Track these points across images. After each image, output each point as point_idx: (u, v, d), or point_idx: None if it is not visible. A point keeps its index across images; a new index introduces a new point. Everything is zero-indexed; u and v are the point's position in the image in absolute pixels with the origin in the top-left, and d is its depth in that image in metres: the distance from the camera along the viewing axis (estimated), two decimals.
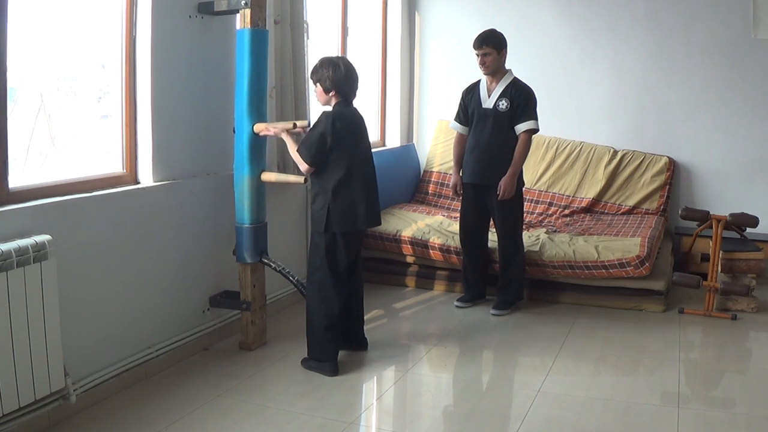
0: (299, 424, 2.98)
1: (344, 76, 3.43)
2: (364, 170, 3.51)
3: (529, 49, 5.68)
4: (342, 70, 3.42)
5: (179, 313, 3.62)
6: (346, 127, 3.43)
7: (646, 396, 3.26)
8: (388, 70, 6.15)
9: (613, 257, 4.40)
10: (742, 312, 4.39)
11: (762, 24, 5.25)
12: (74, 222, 2.98)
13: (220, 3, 3.63)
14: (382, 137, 6.18)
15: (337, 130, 3.39)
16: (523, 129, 4.34)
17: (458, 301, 4.61)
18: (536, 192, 5.70)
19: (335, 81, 3.42)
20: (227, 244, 3.83)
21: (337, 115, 3.42)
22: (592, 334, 4.08)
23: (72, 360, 2.92)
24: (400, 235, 4.93)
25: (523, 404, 3.19)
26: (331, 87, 3.43)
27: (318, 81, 3.47)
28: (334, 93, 3.44)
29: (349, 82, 3.46)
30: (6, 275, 2.54)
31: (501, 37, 4.37)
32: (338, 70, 3.42)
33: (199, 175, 3.74)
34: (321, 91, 3.47)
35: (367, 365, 3.64)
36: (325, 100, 3.50)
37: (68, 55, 3.31)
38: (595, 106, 5.76)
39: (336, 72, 3.41)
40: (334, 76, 3.41)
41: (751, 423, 2.98)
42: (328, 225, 3.43)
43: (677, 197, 5.57)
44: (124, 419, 2.97)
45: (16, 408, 2.62)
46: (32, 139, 3.16)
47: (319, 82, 3.47)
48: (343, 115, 3.44)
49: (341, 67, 3.43)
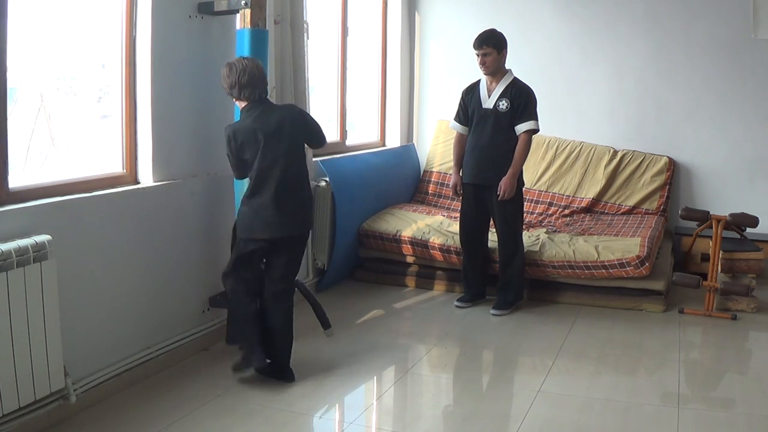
0: (299, 424, 2.98)
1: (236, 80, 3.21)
2: (280, 175, 3.26)
3: (528, 50, 5.68)
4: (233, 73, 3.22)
5: (179, 313, 3.62)
6: (247, 137, 3.23)
7: (646, 396, 3.26)
8: (388, 70, 6.15)
9: (613, 257, 4.40)
10: (742, 312, 4.39)
11: (762, 24, 5.25)
12: (74, 222, 2.98)
13: (220, 3, 3.63)
14: (382, 137, 6.18)
15: (238, 146, 3.24)
16: (523, 129, 4.34)
17: (458, 301, 4.61)
18: (536, 192, 5.70)
19: (231, 87, 3.25)
20: (227, 244, 3.82)
21: (234, 131, 3.25)
22: (592, 334, 4.08)
23: (72, 360, 2.92)
24: (400, 235, 4.93)
25: (523, 404, 3.19)
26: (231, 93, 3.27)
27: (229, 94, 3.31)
28: (236, 98, 3.29)
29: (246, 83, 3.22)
30: (6, 275, 2.54)
31: (501, 37, 4.37)
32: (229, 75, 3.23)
33: (199, 175, 3.73)
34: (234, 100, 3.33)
35: (367, 365, 3.64)
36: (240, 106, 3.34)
37: (68, 55, 3.31)
38: (595, 106, 5.76)
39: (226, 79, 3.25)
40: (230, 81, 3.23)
41: (751, 423, 2.98)
42: (234, 229, 3.41)
43: (677, 197, 5.57)
44: (124, 419, 2.97)
45: (16, 408, 2.62)
46: (32, 139, 3.16)
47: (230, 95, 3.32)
48: (240, 128, 3.25)
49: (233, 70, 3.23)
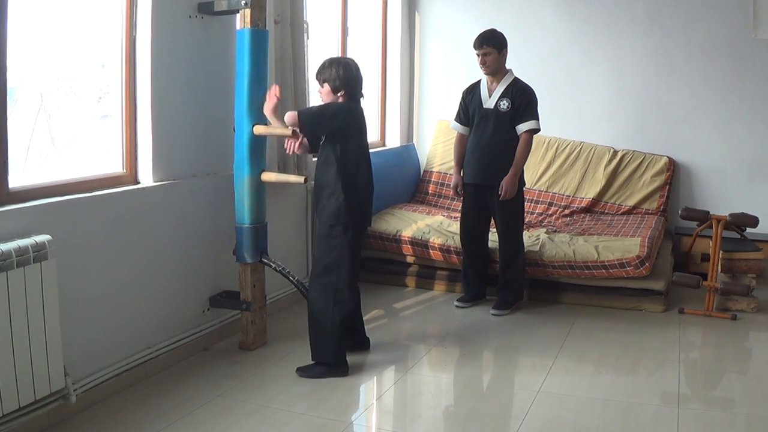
0: (299, 424, 2.98)
1: (354, 75, 3.40)
2: (368, 169, 3.51)
3: (529, 49, 5.67)
4: (352, 70, 3.40)
5: (179, 313, 3.62)
6: (356, 123, 3.43)
7: (646, 396, 3.26)
8: (388, 70, 6.15)
9: (613, 257, 4.40)
10: (742, 312, 4.39)
11: (762, 24, 5.25)
12: (74, 222, 2.98)
13: (220, 3, 3.63)
14: (382, 137, 6.18)
15: (353, 118, 3.38)
16: (524, 129, 4.34)
17: (458, 301, 4.61)
18: (536, 192, 5.70)
19: (345, 80, 3.37)
20: (227, 244, 3.83)
21: (351, 107, 3.41)
22: (592, 334, 4.08)
23: (72, 360, 2.92)
24: (400, 235, 4.93)
25: (523, 404, 3.19)
26: (341, 86, 3.38)
27: (326, 81, 3.41)
28: (343, 93, 3.39)
29: (358, 82, 3.44)
30: (6, 275, 2.54)
31: (501, 36, 4.37)
32: (348, 69, 3.39)
33: (199, 175, 3.74)
34: (328, 90, 3.41)
35: (367, 365, 3.64)
36: (332, 100, 3.44)
37: (68, 55, 3.31)
38: (595, 106, 5.75)
39: (346, 71, 3.38)
40: (345, 75, 3.37)
41: (751, 423, 2.98)
42: (347, 220, 3.38)
43: (677, 197, 5.57)
44: (124, 419, 2.97)
45: (16, 408, 2.62)
46: (32, 139, 3.16)
47: (327, 81, 3.41)
48: (356, 110, 3.44)
49: (351, 67, 3.41)
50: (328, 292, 3.42)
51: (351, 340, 3.66)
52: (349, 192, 3.38)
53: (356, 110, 3.45)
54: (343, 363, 3.47)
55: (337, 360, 3.46)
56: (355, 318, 3.67)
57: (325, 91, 3.43)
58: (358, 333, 3.76)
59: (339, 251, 3.40)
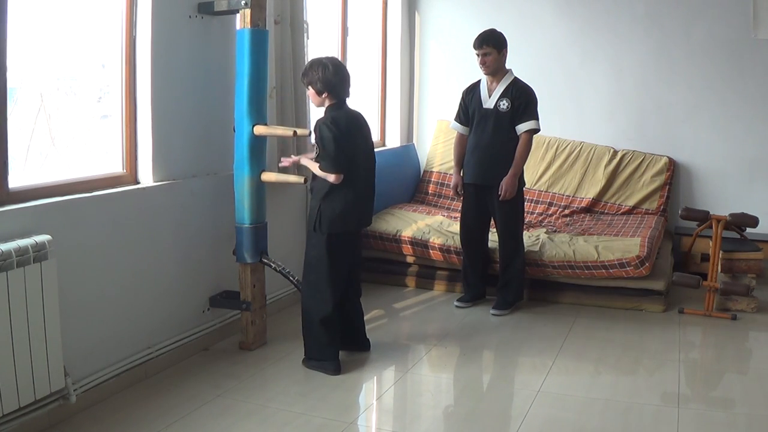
0: (299, 424, 2.98)
1: (333, 75, 3.40)
2: (365, 172, 3.52)
3: (529, 49, 5.67)
4: (331, 70, 3.40)
5: (179, 313, 3.62)
6: (348, 133, 3.42)
7: (646, 396, 3.26)
8: (388, 70, 6.15)
9: (613, 257, 4.40)
10: (742, 312, 4.39)
11: (762, 24, 5.25)
12: (74, 222, 2.98)
13: (220, 3, 3.63)
14: (382, 137, 6.18)
15: (342, 130, 3.37)
16: (524, 129, 4.34)
17: (458, 301, 4.61)
18: (536, 192, 5.70)
19: (326, 81, 3.40)
20: (227, 244, 3.83)
21: (334, 117, 3.41)
22: (592, 334, 4.08)
23: (72, 360, 2.92)
24: (400, 235, 4.93)
25: (523, 404, 3.19)
26: (323, 88, 3.41)
27: (310, 83, 3.45)
28: (327, 94, 3.42)
29: (340, 81, 3.43)
30: (6, 275, 2.54)
31: (501, 36, 4.37)
32: (327, 70, 3.39)
33: (199, 175, 3.74)
34: (314, 93, 3.45)
35: (367, 365, 3.64)
36: (319, 102, 3.49)
37: (68, 55, 3.31)
38: (595, 106, 5.75)
39: (325, 72, 3.39)
40: (324, 76, 3.39)
41: (751, 423, 2.98)
42: (320, 225, 3.44)
43: (677, 197, 5.57)
44: (124, 419, 2.97)
45: (16, 408, 2.62)
46: (32, 139, 3.16)
47: (310, 84, 3.45)
48: (338, 117, 3.43)
49: (330, 67, 3.40)
50: (311, 290, 3.53)
51: (349, 341, 3.68)
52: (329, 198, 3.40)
53: (344, 120, 3.42)
54: (331, 359, 3.49)
55: (323, 356, 3.49)
56: (349, 318, 3.68)
57: (311, 93, 3.48)
58: (359, 334, 3.77)
59: (317, 251, 3.48)
